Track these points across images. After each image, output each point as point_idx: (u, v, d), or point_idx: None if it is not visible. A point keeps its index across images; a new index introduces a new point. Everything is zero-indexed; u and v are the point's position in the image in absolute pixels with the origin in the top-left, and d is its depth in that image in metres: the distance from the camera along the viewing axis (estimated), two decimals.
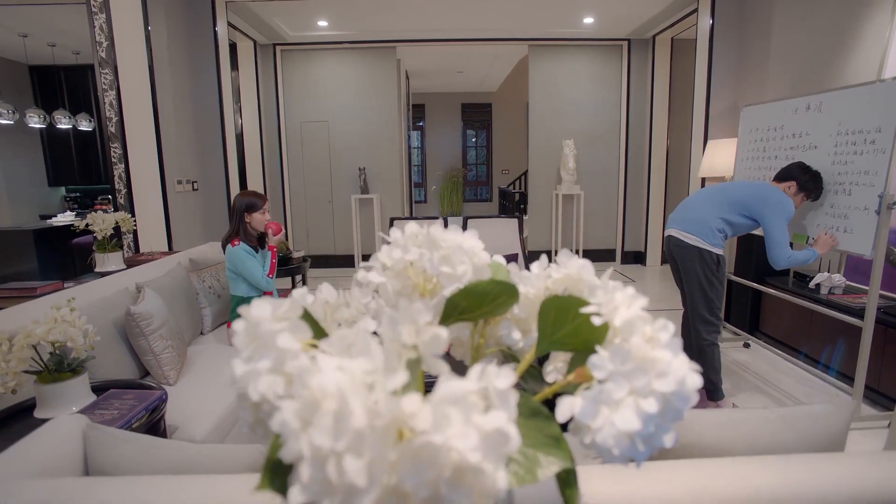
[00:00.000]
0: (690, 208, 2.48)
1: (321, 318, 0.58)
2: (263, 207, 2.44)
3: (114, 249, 2.54)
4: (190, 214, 4.34)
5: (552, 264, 0.59)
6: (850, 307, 2.64)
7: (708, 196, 2.48)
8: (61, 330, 1.27)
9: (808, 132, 2.63)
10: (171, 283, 2.39)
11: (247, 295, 2.42)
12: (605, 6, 4.81)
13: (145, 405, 1.42)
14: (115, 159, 3.99)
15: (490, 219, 3.92)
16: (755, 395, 2.73)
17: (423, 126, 9.78)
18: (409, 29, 5.50)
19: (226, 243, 2.40)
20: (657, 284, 5.32)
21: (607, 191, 6.30)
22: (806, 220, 2.64)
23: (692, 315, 2.47)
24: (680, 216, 2.51)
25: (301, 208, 6.24)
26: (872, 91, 2.26)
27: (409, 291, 0.61)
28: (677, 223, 2.49)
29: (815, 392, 2.75)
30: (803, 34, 3.57)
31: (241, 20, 5.01)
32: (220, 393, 1.98)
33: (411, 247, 0.59)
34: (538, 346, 0.52)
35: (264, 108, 5.90)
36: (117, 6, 3.74)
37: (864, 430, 2.36)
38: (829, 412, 0.97)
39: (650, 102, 5.92)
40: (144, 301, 2.01)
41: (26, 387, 1.41)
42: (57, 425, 0.96)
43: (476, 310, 0.55)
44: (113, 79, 3.85)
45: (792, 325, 3.11)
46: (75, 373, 1.41)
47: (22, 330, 1.39)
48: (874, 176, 2.22)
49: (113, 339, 1.92)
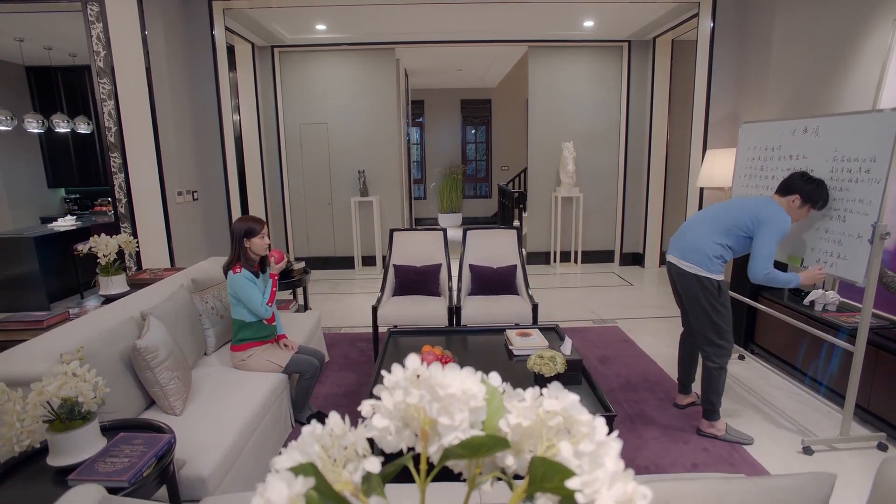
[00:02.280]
0: (688, 234, 2.49)
1: (327, 463, 0.62)
2: (262, 232, 2.47)
3: (117, 272, 2.57)
4: (191, 226, 4.36)
5: (544, 392, 0.63)
6: (842, 326, 2.69)
7: (706, 220, 2.49)
8: (72, 385, 1.31)
9: (804, 155, 2.65)
10: (174, 307, 2.43)
11: (248, 319, 2.46)
12: (604, 11, 4.78)
13: (155, 451, 1.46)
14: (114, 168, 4.00)
15: (489, 230, 3.95)
16: (748, 412, 2.79)
17: (423, 122, 9.73)
18: (407, 32, 5.46)
19: (227, 269, 2.43)
20: (654, 288, 5.36)
21: (606, 192, 6.31)
22: (802, 242, 2.67)
23: (699, 338, 2.52)
24: (679, 243, 2.53)
25: (301, 211, 6.25)
26: (868, 120, 2.28)
27: (411, 423, 0.65)
28: (677, 250, 2.51)
29: (807, 409, 2.80)
30: (804, 44, 3.56)
31: (239, 25, 4.97)
32: (226, 421, 2.03)
33: (412, 389, 0.63)
34: (528, 487, 0.56)
35: (263, 110, 5.88)
36: (114, 15, 3.72)
37: (853, 450, 2.42)
38: (811, 484, 1.01)
39: (650, 103, 5.90)
40: (149, 332, 2.05)
41: (38, 431, 1.45)
42: (74, 497, 1.01)
43: (472, 456, 0.59)
44: (111, 88, 3.84)
45: (786, 340, 3.16)
46: (86, 419, 1.45)
47: (28, 375, 1.43)
48: (868, 205, 2.25)
49: (120, 372, 1.96)
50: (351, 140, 6.09)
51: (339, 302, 5.04)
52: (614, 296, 5.10)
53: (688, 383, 2.82)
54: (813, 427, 2.62)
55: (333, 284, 5.69)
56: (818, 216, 2.53)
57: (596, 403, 2.15)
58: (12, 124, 4.90)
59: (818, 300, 3.00)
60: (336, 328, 4.24)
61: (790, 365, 3.13)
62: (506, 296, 3.59)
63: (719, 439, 2.50)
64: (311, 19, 4.93)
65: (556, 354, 2.24)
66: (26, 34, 4.98)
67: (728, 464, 2.32)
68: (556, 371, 2.18)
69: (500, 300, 3.50)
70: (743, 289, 3.37)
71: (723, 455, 2.38)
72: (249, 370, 2.48)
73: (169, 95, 4.09)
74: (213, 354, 2.67)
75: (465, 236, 3.87)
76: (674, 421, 2.69)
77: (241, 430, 2.02)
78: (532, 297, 3.44)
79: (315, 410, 2.75)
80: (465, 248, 3.84)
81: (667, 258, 2.58)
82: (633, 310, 4.63)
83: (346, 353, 3.66)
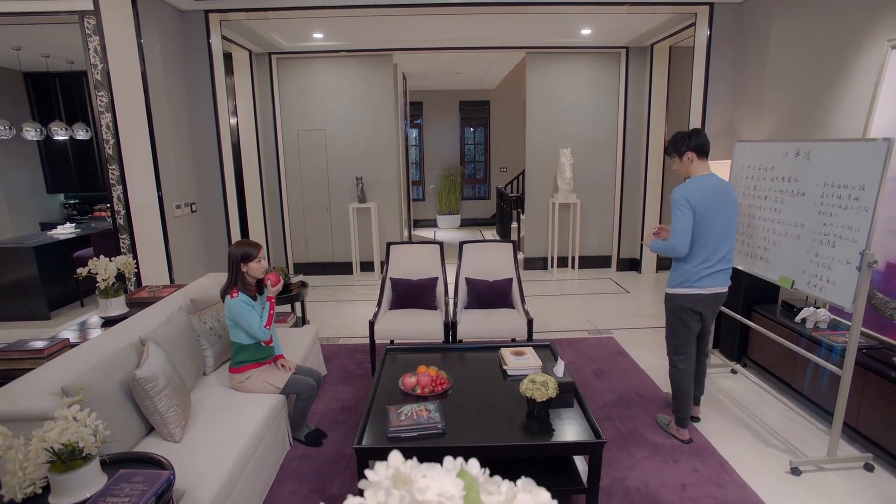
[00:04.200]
0: (728, 255, 2.59)
1: None
2: (259, 256, 2.50)
3: (116, 294, 2.60)
4: (190, 240, 4.39)
5: (518, 485, 0.66)
6: (832, 346, 2.73)
7: (731, 234, 2.58)
8: (73, 430, 1.35)
9: (796, 178, 2.67)
10: (173, 331, 2.46)
11: (246, 342, 2.50)
12: (602, 20, 4.77)
13: (154, 489, 1.50)
14: (113, 181, 4.02)
15: (485, 243, 3.97)
16: (737, 428, 2.83)
17: (421, 123, 9.73)
18: (405, 39, 5.46)
19: (225, 294, 2.46)
20: (650, 296, 5.40)
21: (604, 198, 6.33)
22: (794, 265, 2.70)
23: (704, 346, 2.80)
24: (727, 266, 2.59)
25: (299, 217, 6.28)
26: (858, 148, 2.30)
27: None
28: (727, 278, 2.60)
29: (796, 427, 2.85)
30: (800, 58, 3.57)
31: (236, 34, 4.98)
32: (225, 448, 2.06)
33: (393, 490, 0.67)
34: None
35: (261, 117, 5.89)
36: (111, 28, 3.73)
37: (841, 470, 2.47)
38: None
39: (647, 109, 5.91)
40: (148, 360, 2.08)
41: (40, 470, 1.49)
42: None
43: None
44: (108, 101, 3.85)
45: (778, 356, 3.20)
46: (87, 459, 1.49)
47: (31, 412, 1.46)
48: (857, 232, 2.28)
49: (120, 401, 1.99)
50: (349, 147, 6.11)
51: (338, 310, 5.07)
52: (610, 304, 5.14)
53: (699, 395, 2.93)
54: (802, 445, 2.67)
55: (332, 291, 5.72)
56: (810, 239, 2.57)
57: (586, 427, 2.19)
58: (11, 133, 4.91)
59: (809, 318, 3.04)
60: (334, 339, 4.29)
61: (782, 381, 3.18)
62: (502, 309, 3.63)
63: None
64: (308, 28, 4.93)
65: (548, 379, 2.27)
66: (24, 43, 4.98)
67: (717, 485, 2.36)
68: (549, 396, 2.22)
69: (496, 314, 3.54)
70: (736, 305, 3.41)
71: (712, 476, 2.43)
72: (248, 391, 2.52)
73: (166, 107, 4.10)
74: (212, 374, 2.71)
75: (461, 250, 3.90)
76: (665, 439, 2.73)
77: (240, 455, 2.06)
78: (528, 311, 3.48)
79: (313, 428, 2.79)
80: (461, 262, 3.87)
81: (712, 290, 2.56)
82: (628, 319, 4.67)
83: (343, 366, 3.70)
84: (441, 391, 2.48)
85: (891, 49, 2.78)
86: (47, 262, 4.93)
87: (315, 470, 2.50)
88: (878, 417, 2.48)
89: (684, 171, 2.61)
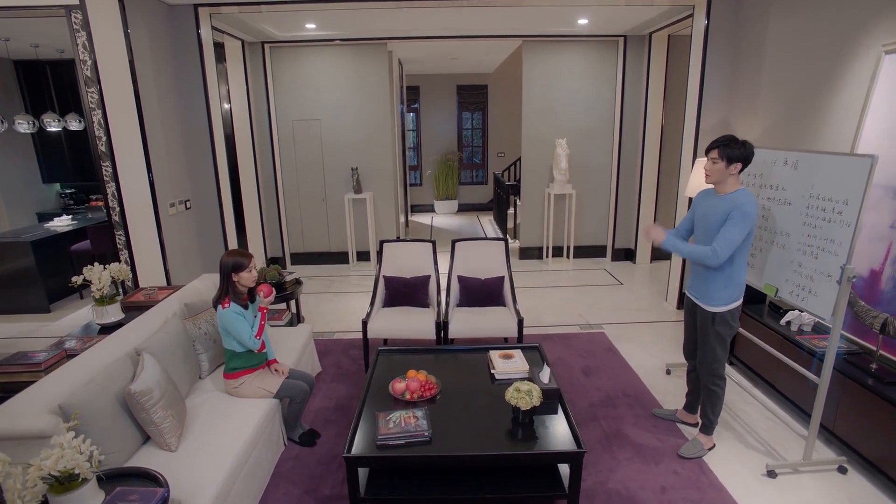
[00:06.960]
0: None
1: None
2: (249, 266, 2.54)
3: (111, 302, 2.65)
4: (184, 238, 4.41)
5: None
6: (813, 350, 2.79)
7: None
8: (69, 458, 1.41)
9: (784, 187, 2.68)
10: (167, 338, 2.52)
11: (239, 350, 2.56)
12: (599, 10, 4.69)
13: None
14: (107, 177, 4.03)
15: (478, 241, 4.00)
16: (719, 428, 2.90)
17: (418, 108, 9.63)
18: (400, 28, 5.37)
19: (216, 303, 2.51)
20: (644, 288, 5.45)
21: (599, 187, 6.33)
22: (778, 273, 2.73)
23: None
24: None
25: (295, 207, 6.29)
26: (842, 163, 2.31)
27: None
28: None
29: (777, 428, 2.93)
30: (796, 55, 3.53)
31: (227, 25, 4.90)
32: (220, 455, 2.14)
33: None
34: None
35: (255, 107, 5.84)
36: (97, 22, 3.67)
37: (815, 472, 2.55)
38: None
39: (645, 98, 5.85)
40: (143, 373, 2.14)
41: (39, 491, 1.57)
42: None
43: None
44: (99, 98, 3.83)
45: (762, 356, 3.26)
46: (83, 482, 1.56)
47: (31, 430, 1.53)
48: (839, 246, 2.31)
49: (117, 413, 2.06)
50: (344, 137, 6.07)
51: (333, 303, 5.14)
52: (603, 296, 5.20)
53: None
54: (780, 447, 2.76)
55: (328, 283, 5.78)
56: (795, 249, 2.59)
57: (569, 436, 2.27)
58: (3, 127, 4.89)
59: (794, 321, 3.10)
60: (329, 333, 4.36)
61: (766, 381, 3.25)
62: (493, 308, 3.69)
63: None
64: (301, 19, 4.85)
65: (532, 388, 2.34)
66: (11, 34, 4.91)
67: (695, 488, 2.45)
68: (533, 405, 2.29)
69: (487, 313, 3.60)
70: None
71: (691, 478, 2.52)
72: (242, 397, 2.59)
73: (156, 101, 4.08)
74: (207, 378, 2.78)
75: (453, 248, 3.94)
76: (648, 440, 2.82)
77: (236, 462, 2.14)
78: (518, 311, 3.53)
79: (307, 428, 2.88)
80: (453, 260, 3.91)
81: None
82: (620, 313, 4.73)
83: (337, 362, 3.78)
84: (430, 396, 2.55)
85: (885, 54, 2.75)
86: (45, 256, 4.97)
87: (308, 471, 2.59)
88: (853, 422, 2.56)
89: (720, 177, 2.39)
